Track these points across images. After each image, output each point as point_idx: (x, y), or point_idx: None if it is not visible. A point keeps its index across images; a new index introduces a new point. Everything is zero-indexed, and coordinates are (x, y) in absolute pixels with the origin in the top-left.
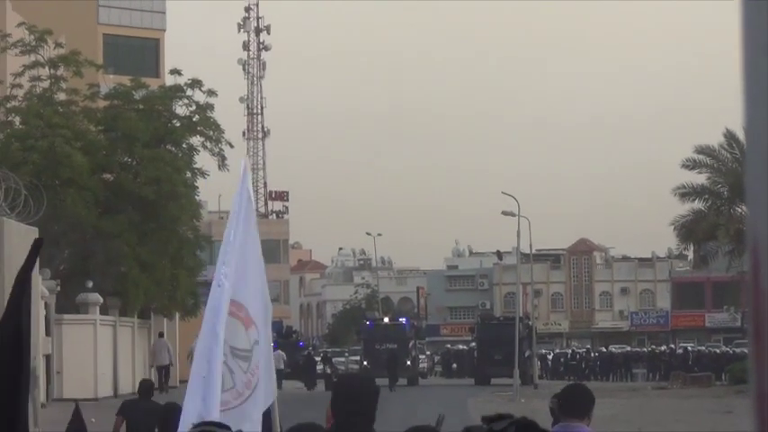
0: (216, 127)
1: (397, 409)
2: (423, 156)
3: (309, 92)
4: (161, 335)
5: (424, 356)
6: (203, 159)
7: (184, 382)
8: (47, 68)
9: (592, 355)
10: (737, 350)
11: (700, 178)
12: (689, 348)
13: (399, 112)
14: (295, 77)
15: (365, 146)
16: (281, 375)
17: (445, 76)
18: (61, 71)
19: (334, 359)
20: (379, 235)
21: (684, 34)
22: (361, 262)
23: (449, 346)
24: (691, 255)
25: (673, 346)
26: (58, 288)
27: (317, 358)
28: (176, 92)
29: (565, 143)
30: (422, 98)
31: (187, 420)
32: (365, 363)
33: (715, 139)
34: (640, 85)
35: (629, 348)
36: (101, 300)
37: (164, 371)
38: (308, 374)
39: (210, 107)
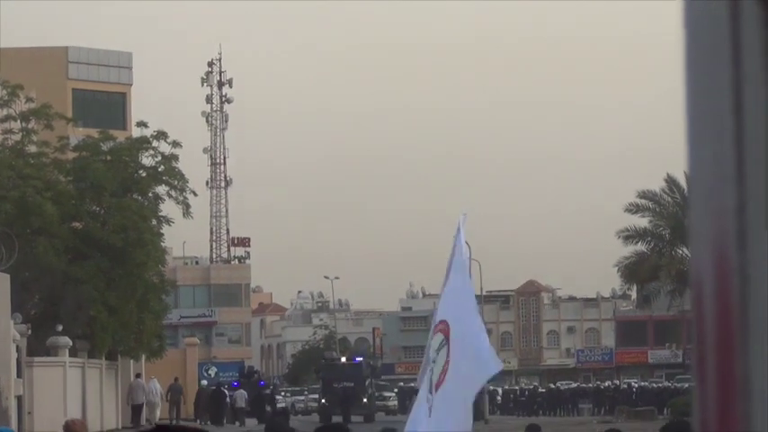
0: (180, 177)
1: None
2: (377, 202)
3: (269, 141)
4: (138, 375)
5: (392, 394)
6: (168, 208)
7: (163, 419)
8: (19, 122)
9: (539, 391)
10: (679, 385)
11: (642, 222)
12: (633, 384)
13: (355, 157)
14: (256, 127)
15: (322, 192)
16: (243, 413)
17: (399, 121)
18: (32, 124)
19: (294, 397)
20: (337, 278)
21: (628, 80)
22: (320, 304)
23: (401, 384)
24: (634, 295)
25: (617, 381)
26: (29, 332)
27: (277, 397)
28: (142, 143)
29: (513, 187)
30: (376, 144)
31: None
32: (323, 400)
33: (657, 184)
34: (587, 129)
35: (575, 384)
36: (70, 343)
37: (138, 410)
38: (260, 411)
39: (175, 158)
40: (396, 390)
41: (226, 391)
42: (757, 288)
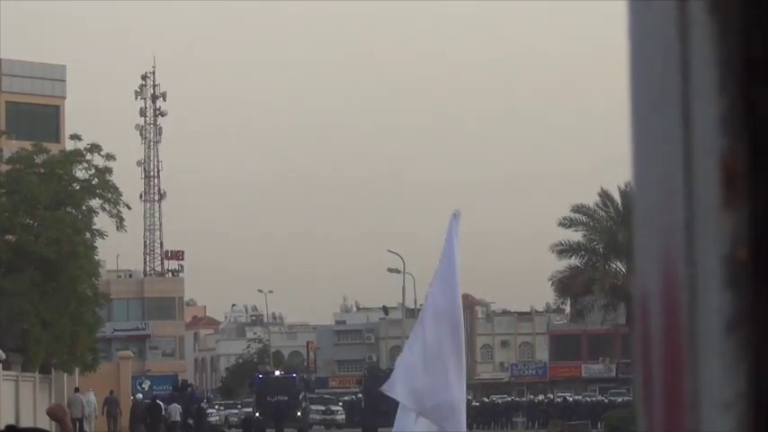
0: (114, 190)
1: None
2: (312, 215)
3: (203, 154)
4: (76, 389)
5: (339, 408)
6: (102, 221)
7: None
8: None
9: (473, 404)
10: (613, 399)
11: (576, 236)
12: (567, 397)
13: (289, 171)
14: (189, 141)
15: (256, 206)
16: (177, 426)
17: (334, 135)
18: None
19: (228, 411)
20: (271, 292)
21: (561, 96)
22: (254, 318)
23: (346, 398)
24: (568, 309)
25: (551, 395)
26: None
27: (211, 410)
28: (76, 156)
29: (447, 204)
30: (310, 159)
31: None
32: (257, 414)
33: (590, 199)
34: (520, 143)
35: (509, 398)
36: (3, 356)
37: (78, 423)
38: (186, 425)
39: (109, 171)
40: (341, 403)
41: (162, 405)
42: (705, 304)
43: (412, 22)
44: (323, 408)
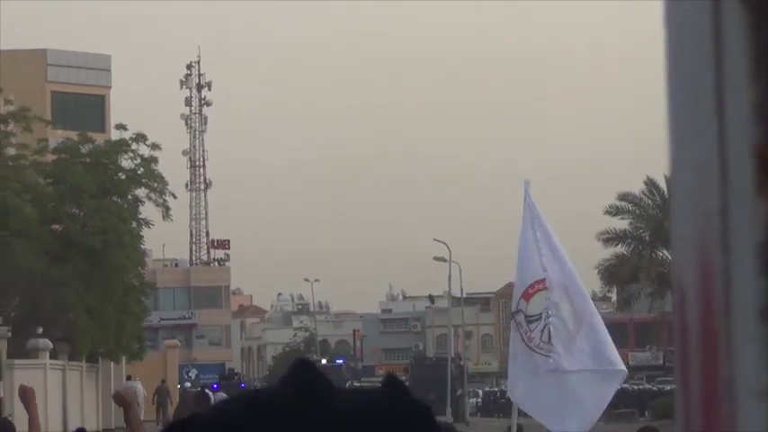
0: (160, 179)
1: None
2: (358, 204)
3: (248, 143)
4: (128, 377)
5: None
6: (148, 210)
7: (147, 421)
8: None
9: None
10: (660, 387)
11: (622, 224)
12: None
13: (334, 159)
14: (235, 130)
15: (302, 195)
16: None
17: (380, 124)
18: (11, 127)
19: None
20: (317, 281)
21: (608, 83)
22: (300, 306)
23: None
24: (614, 297)
25: None
26: (9, 334)
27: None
28: (122, 146)
29: (492, 190)
30: (356, 146)
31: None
32: None
33: (636, 187)
34: (567, 132)
35: None
36: (50, 345)
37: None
38: None
39: (154, 160)
40: None
41: (210, 394)
42: (740, 291)
43: (412, 21)
44: None
